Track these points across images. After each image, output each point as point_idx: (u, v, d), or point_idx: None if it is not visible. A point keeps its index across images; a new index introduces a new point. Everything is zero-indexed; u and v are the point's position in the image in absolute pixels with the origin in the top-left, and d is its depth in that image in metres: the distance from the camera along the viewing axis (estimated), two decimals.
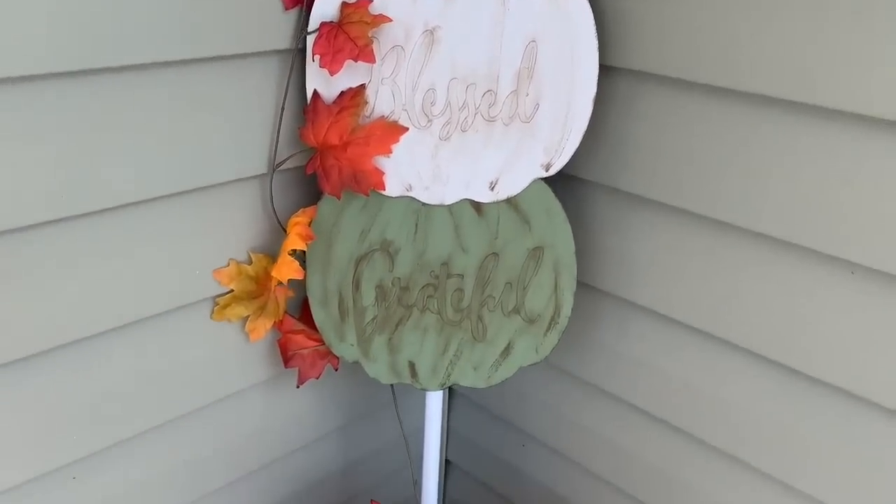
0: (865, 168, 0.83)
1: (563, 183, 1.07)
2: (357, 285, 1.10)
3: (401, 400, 1.24)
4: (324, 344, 1.13)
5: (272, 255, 1.08)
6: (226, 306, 1.07)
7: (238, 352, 1.11)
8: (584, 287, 1.15)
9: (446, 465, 1.57)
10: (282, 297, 1.11)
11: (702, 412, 1.07)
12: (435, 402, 1.18)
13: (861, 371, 0.89)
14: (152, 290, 0.98)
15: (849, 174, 0.84)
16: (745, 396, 1.02)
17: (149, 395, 1.03)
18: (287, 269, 1.03)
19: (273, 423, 1.22)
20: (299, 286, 1.12)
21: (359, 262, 1.09)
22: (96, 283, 0.92)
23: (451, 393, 1.50)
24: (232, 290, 1.06)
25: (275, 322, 1.11)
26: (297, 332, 1.14)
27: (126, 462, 1.04)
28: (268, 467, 1.25)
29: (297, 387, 1.12)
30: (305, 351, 1.14)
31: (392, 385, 1.19)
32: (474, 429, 1.48)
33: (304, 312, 1.16)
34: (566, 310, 1.08)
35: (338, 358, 1.14)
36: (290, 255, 1.04)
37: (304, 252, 1.07)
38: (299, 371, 1.13)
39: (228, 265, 1.05)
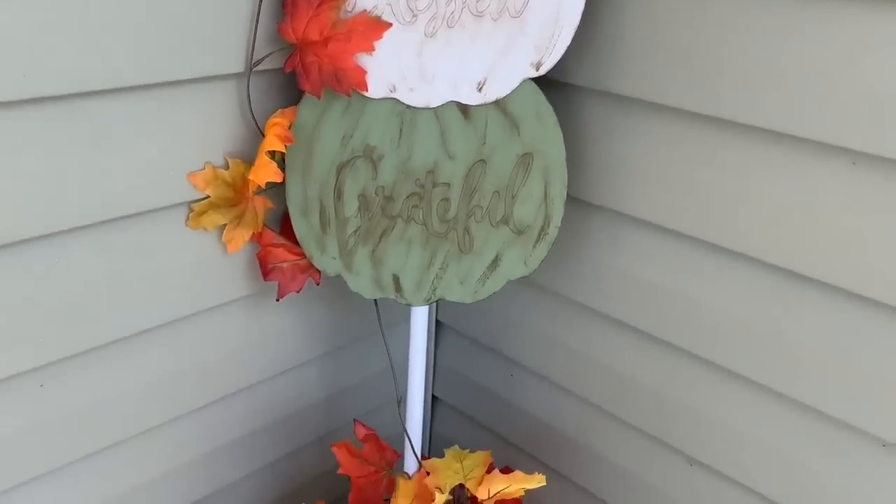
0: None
1: (553, 90, 1.03)
2: (339, 194, 1.06)
3: (387, 332, 1.20)
4: (304, 258, 1.10)
5: (250, 162, 1.03)
6: (202, 213, 1.02)
7: (216, 264, 1.07)
8: (575, 202, 1.11)
9: (433, 402, 1.54)
10: (260, 208, 1.07)
11: (697, 325, 1.04)
12: (420, 320, 1.14)
13: (862, 269, 0.86)
14: (123, 189, 0.93)
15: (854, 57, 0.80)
16: (743, 306, 0.98)
17: (120, 302, 0.98)
18: (265, 172, 0.99)
19: (254, 343, 1.18)
20: (279, 198, 1.08)
21: (340, 169, 1.04)
22: (60, 175, 0.87)
23: (438, 326, 1.46)
24: (208, 197, 1.02)
25: (254, 234, 1.07)
26: (277, 245, 1.10)
27: (97, 372, 1.00)
28: (249, 391, 1.21)
29: (277, 300, 1.08)
30: (285, 264, 1.10)
31: (376, 302, 1.15)
32: (461, 362, 1.45)
33: (284, 228, 1.12)
34: (556, 220, 1.05)
35: (319, 272, 1.10)
36: (268, 156, 0.99)
37: (283, 157, 1.03)
38: (279, 285, 1.09)
39: (204, 169, 1.00)
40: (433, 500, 1.07)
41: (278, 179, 1.00)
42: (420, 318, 1.15)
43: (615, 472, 1.21)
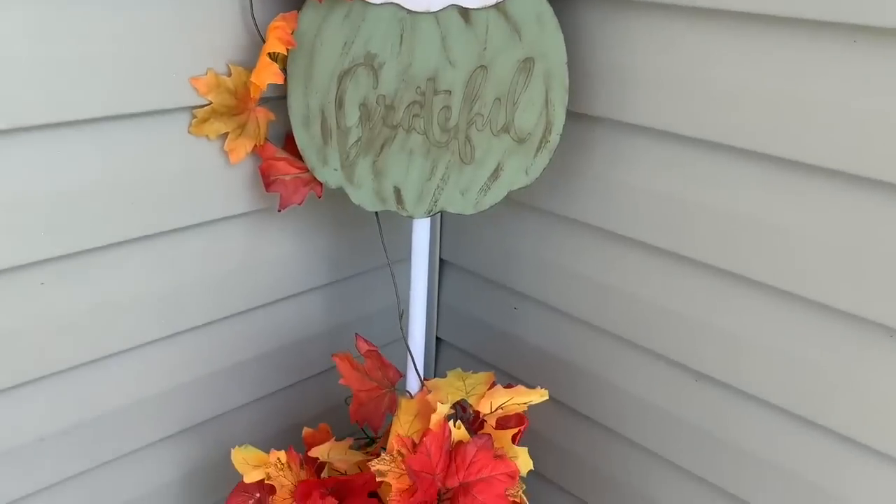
0: None
1: None
2: (340, 104, 1.06)
3: (391, 269, 1.19)
4: (306, 171, 1.10)
5: (252, 70, 1.04)
6: (204, 120, 1.03)
7: (218, 175, 1.07)
8: (575, 117, 1.11)
9: (437, 344, 1.53)
10: (262, 119, 1.07)
11: (702, 230, 1.02)
12: (422, 232, 1.13)
13: (869, 153, 0.85)
14: (124, 86, 0.94)
15: None
16: (748, 204, 0.97)
17: (120, 204, 0.99)
18: (266, 73, 0.99)
19: (256, 264, 1.18)
20: (280, 111, 1.08)
21: (342, 77, 1.05)
22: (60, 64, 0.88)
23: (442, 265, 1.46)
24: (210, 103, 1.03)
25: (256, 146, 1.08)
26: (279, 159, 1.10)
27: (96, 275, 1.00)
28: (251, 314, 1.21)
29: (279, 210, 1.08)
30: (287, 177, 1.10)
31: (378, 218, 1.14)
32: (465, 300, 1.44)
33: (287, 145, 1.13)
34: (557, 126, 1.04)
35: (321, 185, 1.10)
36: (269, 59, 1.00)
37: (284, 66, 1.04)
38: (281, 196, 1.09)
39: (206, 74, 1.01)
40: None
41: (279, 81, 1.00)
42: (422, 232, 1.14)
43: (620, 396, 1.20)
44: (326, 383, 1.36)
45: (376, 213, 1.13)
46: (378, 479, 1.01)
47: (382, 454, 1.02)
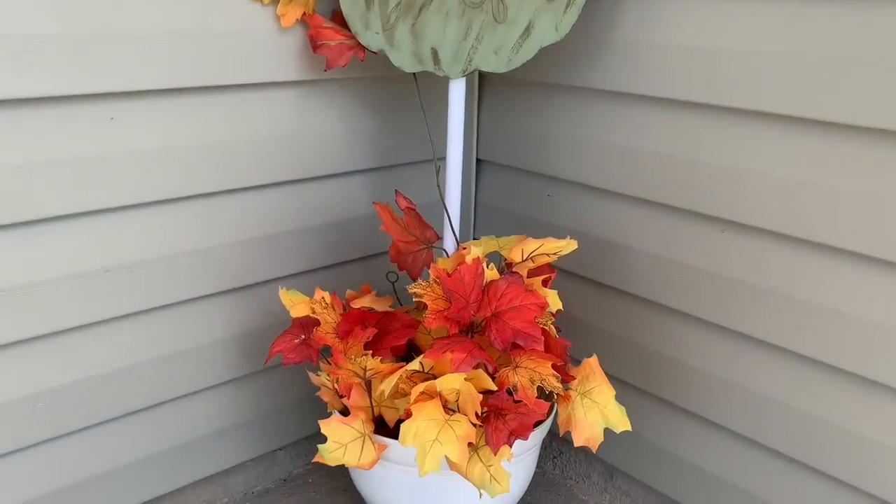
0: None
1: None
2: None
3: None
4: (350, 38, 1.18)
5: None
6: None
7: (270, 39, 1.16)
8: None
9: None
10: None
11: (741, 78, 1.07)
12: (457, 96, 1.20)
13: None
14: None
15: None
16: (780, 46, 1.02)
17: (181, 53, 1.08)
18: None
19: (305, 134, 1.26)
20: None
21: None
22: None
23: (478, 164, 1.52)
24: None
25: (305, 14, 1.17)
26: (325, 27, 1.18)
27: (162, 116, 1.10)
28: (300, 185, 1.29)
29: (325, 70, 1.17)
30: (333, 42, 1.18)
31: (416, 80, 1.21)
32: (500, 195, 1.50)
33: (332, 18, 1.21)
34: None
35: (363, 50, 1.18)
36: None
37: None
38: (327, 59, 1.17)
39: None
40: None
41: None
42: (457, 96, 1.20)
43: (649, 260, 1.24)
44: (369, 269, 1.43)
45: (415, 77, 1.20)
46: (415, 300, 1.06)
47: (419, 281, 1.08)
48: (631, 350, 1.31)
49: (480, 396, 1.01)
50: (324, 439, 1.08)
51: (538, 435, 1.17)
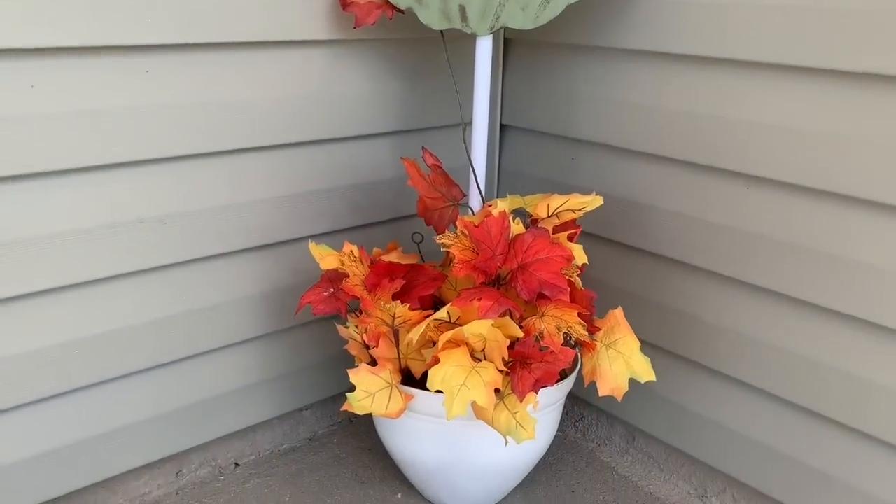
0: None
1: None
2: None
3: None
4: None
5: None
6: None
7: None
8: None
9: None
10: None
11: (763, 30, 1.08)
12: (484, 54, 1.21)
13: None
14: None
15: None
16: None
17: (214, 10, 1.10)
18: None
19: (332, 94, 1.28)
20: None
21: None
22: None
23: (503, 129, 1.54)
24: None
25: None
26: None
27: (194, 70, 1.12)
28: (328, 145, 1.31)
29: (354, 27, 1.19)
30: (362, 0, 1.20)
31: (443, 38, 1.23)
32: (524, 160, 1.51)
33: None
34: None
35: (392, 8, 1.20)
36: None
37: None
38: (356, 16, 1.19)
39: None
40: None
41: None
42: (484, 54, 1.22)
43: (672, 219, 1.25)
44: (394, 232, 1.45)
45: (442, 35, 1.22)
46: (442, 250, 1.08)
47: (447, 231, 1.10)
48: (654, 310, 1.32)
49: (508, 341, 1.03)
50: (352, 389, 1.10)
51: (563, 388, 1.19)
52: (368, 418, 1.53)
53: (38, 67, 1.00)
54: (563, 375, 1.18)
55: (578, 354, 1.20)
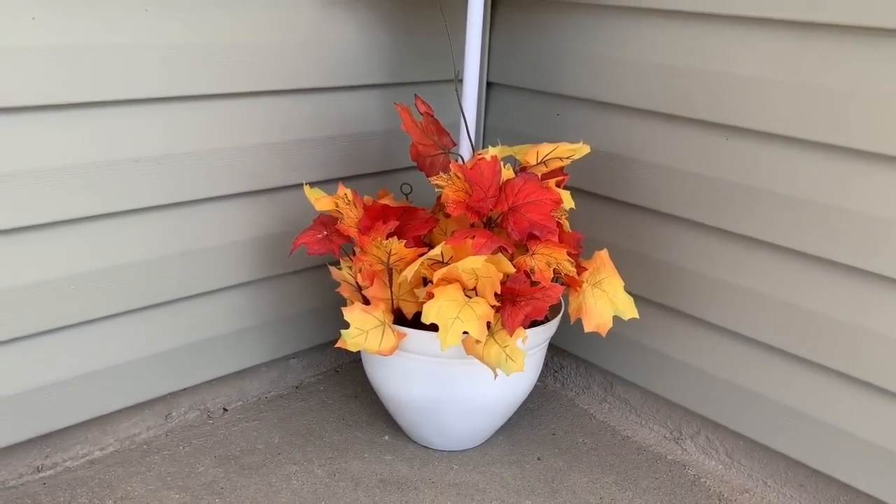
0: None
1: None
2: None
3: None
4: None
5: None
6: None
7: None
8: None
9: None
10: None
11: None
12: (476, 6, 1.24)
13: None
14: None
15: None
16: None
17: None
18: None
19: (323, 41, 1.30)
20: None
21: None
22: None
23: (489, 87, 1.57)
24: None
25: None
26: None
27: (188, 10, 1.14)
28: (318, 94, 1.33)
29: None
30: None
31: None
32: (509, 117, 1.55)
33: None
34: None
35: None
36: None
37: None
38: None
39: None
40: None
41: None
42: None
43: (655, 172, 1.30)
44: (383, 183, 1.48)
45: None
46: (437, 192, 1.12)
47: (441, 174, 1.13)
48: (636, 260, 1.37)
49: (500, 276, 1.07)
50: (338, 338, 1.13)
51: (548, 330, 1.23)
52: (354, 368, 1.57)
53: (39, 1, 1.00)
54: (547, 319, 1.22)
55: (565, 296, 1.24)
